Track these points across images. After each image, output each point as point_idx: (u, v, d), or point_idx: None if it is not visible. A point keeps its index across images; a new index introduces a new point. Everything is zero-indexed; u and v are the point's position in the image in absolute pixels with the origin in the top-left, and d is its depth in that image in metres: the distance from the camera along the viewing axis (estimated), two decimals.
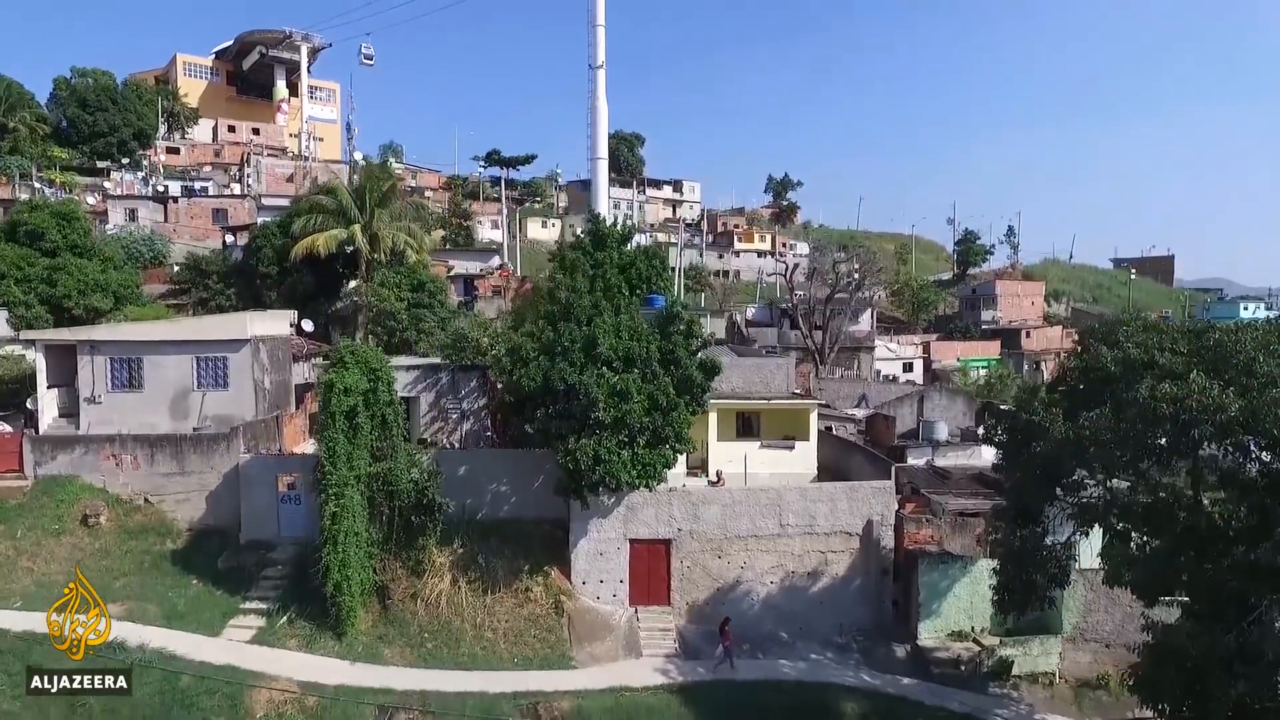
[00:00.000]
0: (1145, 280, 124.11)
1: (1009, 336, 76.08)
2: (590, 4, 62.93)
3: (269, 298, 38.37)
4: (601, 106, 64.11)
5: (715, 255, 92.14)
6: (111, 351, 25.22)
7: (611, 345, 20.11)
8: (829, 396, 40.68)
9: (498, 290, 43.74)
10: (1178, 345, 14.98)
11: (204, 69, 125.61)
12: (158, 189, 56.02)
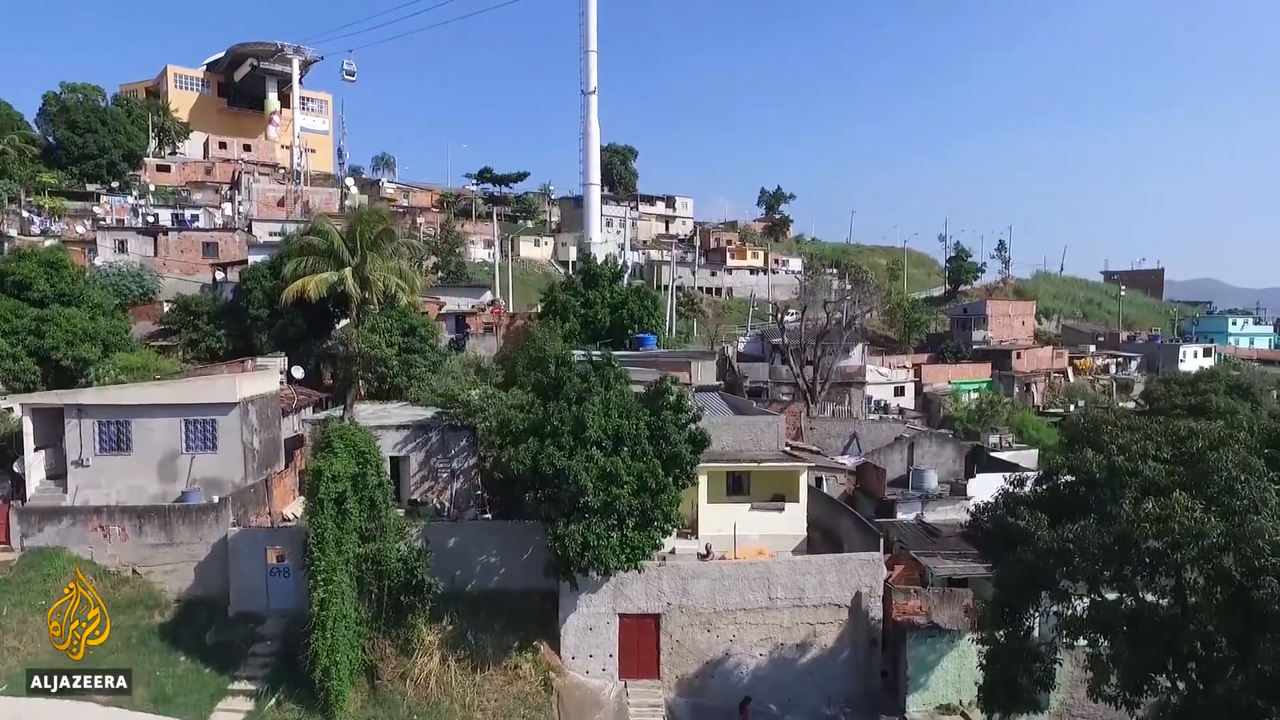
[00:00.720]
0: (1135, 293, 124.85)
1: (1000, 358, 76.38)
2: (583, 31, 63.17)
3: (259, 340, 38.28)
4: (594, 132, 64.29)
5: (708, 273, 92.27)
6: (99, 415, 25.11)
7: (601, 426, 20.14)
8: (819, 436, 40.83)
9: (489, 327, 43.72)
10: (1161, 451, 15.10)
11: (195, 81, 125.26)
12: (148, 219, 55.69)
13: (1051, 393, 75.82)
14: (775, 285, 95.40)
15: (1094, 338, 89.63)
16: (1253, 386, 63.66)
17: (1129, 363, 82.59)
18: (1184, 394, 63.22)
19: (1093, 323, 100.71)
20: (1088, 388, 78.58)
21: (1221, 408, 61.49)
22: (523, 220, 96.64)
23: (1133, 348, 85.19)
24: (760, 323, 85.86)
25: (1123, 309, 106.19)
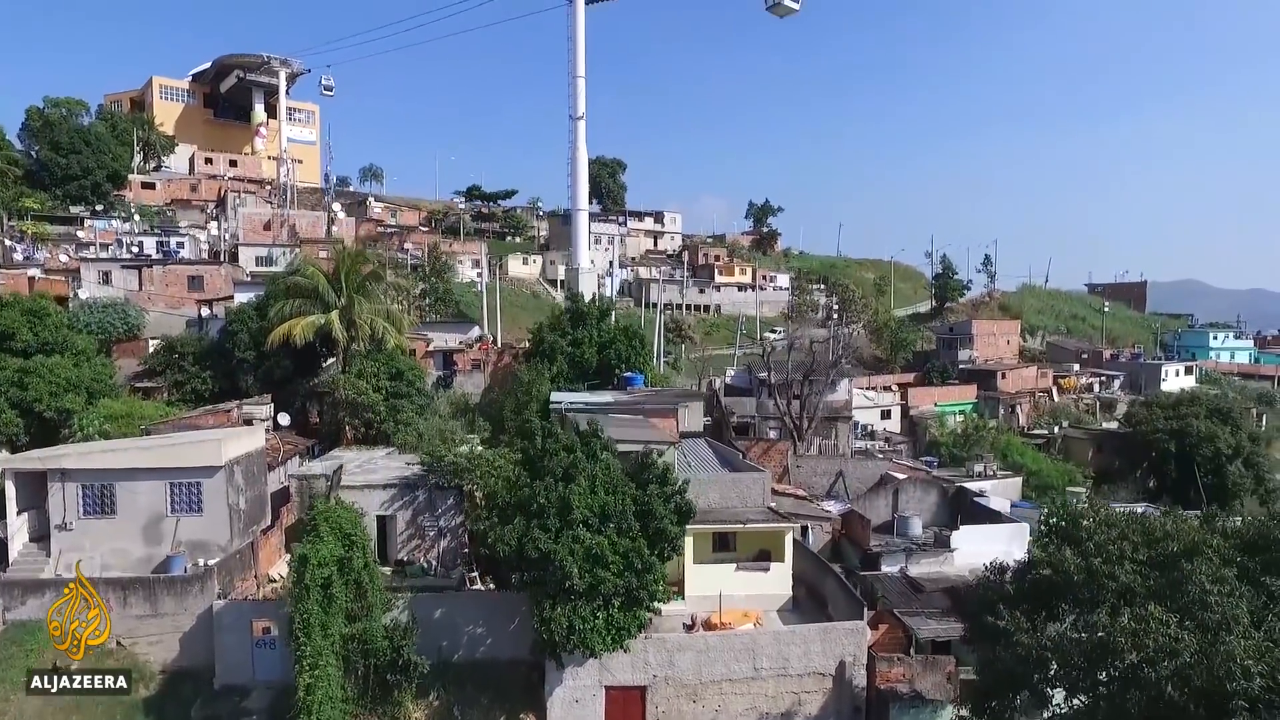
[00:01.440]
0: (1119, 306, 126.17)
1: (985, 378, 77.02)
2: (570, 57, 63.08)
3: (245, 382, 38.14)
4: (582, 157, 64.26)
5: (696, 290, 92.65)
6: (83, 479, 25.01)
7: (587, 505, 20.24)
8: (805, 475, 41.11)
9: (477, 364, 43.71)
10: (1137, 553, 15.35)
11: (180, 92, 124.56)
12: (132, 248, 55.26)
13: (1036, 412, 76.52)
14: (763, 302, 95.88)
15: (1078, 355, 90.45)
16: (1232, 411, 64.74)
17: (1112, 381, 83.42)
18: (1165, 417, 64.28)
19: (1077, 339, 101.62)
20: (1071, 407, 79.36)
21: (1202, 432, 62.56)
22: (511, 236, 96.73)
23: (1116, 366, 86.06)
24: (749, 341, 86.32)
25: (1106, 324, 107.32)
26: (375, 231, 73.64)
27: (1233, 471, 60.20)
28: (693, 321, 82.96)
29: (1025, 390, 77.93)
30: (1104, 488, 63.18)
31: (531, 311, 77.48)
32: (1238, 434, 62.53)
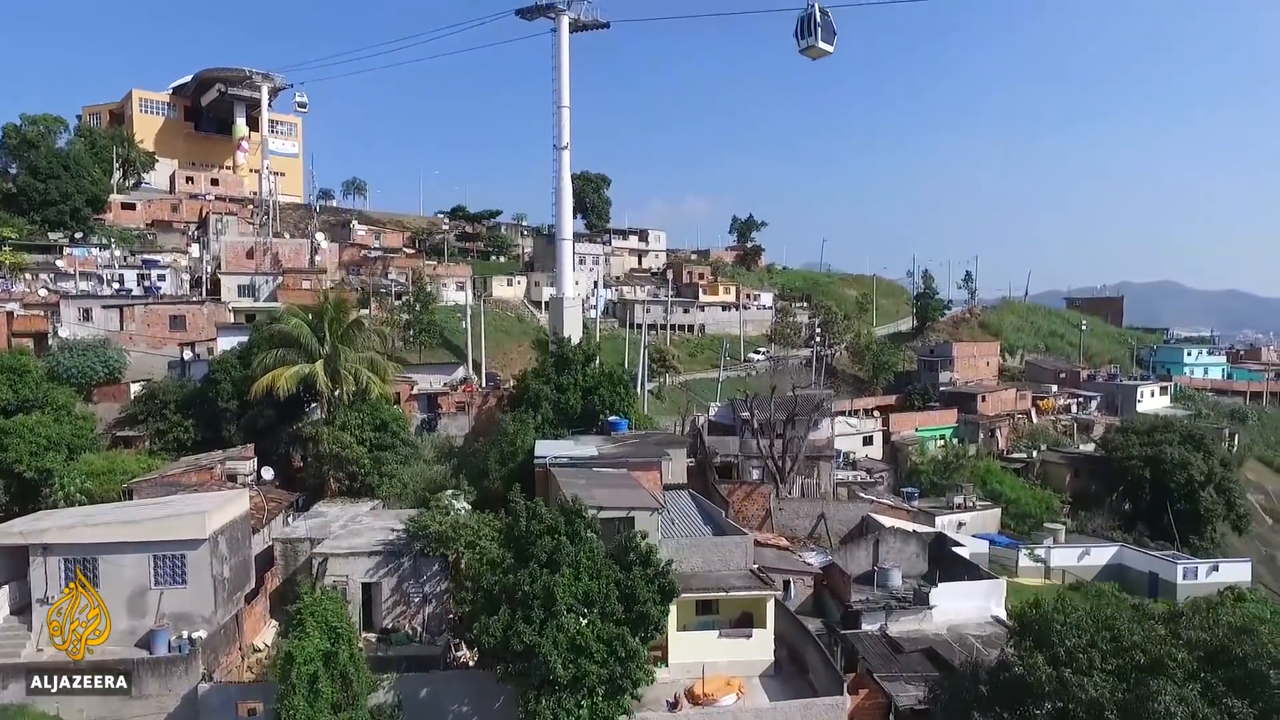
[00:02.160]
0: (1095, 321, 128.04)
1: (965, 400, 78.00)
2: (555, 87, 63.28)
3: (228, 431, 38.07)
4: (566, 187, 64.51)
5: (681, 310, 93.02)
6: (65, 553, 24.93)
7: (570, 592, 20.50)
8: (787, 517, 41.62)
9: (462, 406, 43.84)
10: (1106, 662, 15.84)
11: (160, 105, 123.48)
12: (112, 282, 54.75)
13: (1015, 435, 77.60)
14: (747, 321, 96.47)
15: (1056, 375, 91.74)
16: (1205, 438, 66.04)
17: (1089, 402, 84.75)
18: (1140, 443, 65.50)
19: (1055, 357, 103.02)
20: (1050, 429, 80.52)
21: (1176, 459, 63.73)
22: (495, 255, 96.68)
23: (1093, 386, 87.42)
24: (734, 362, 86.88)
25: (1084, 340, 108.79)
26: (359, 256, 73.40)
27: (1205, 497, 61.45)
28: (676, 347, 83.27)
29: (1004, 412, 79.01)
30: (1080, 514, 64.49)
31: (516, 336, 77.56)
32: (1209, 460, 63.83)
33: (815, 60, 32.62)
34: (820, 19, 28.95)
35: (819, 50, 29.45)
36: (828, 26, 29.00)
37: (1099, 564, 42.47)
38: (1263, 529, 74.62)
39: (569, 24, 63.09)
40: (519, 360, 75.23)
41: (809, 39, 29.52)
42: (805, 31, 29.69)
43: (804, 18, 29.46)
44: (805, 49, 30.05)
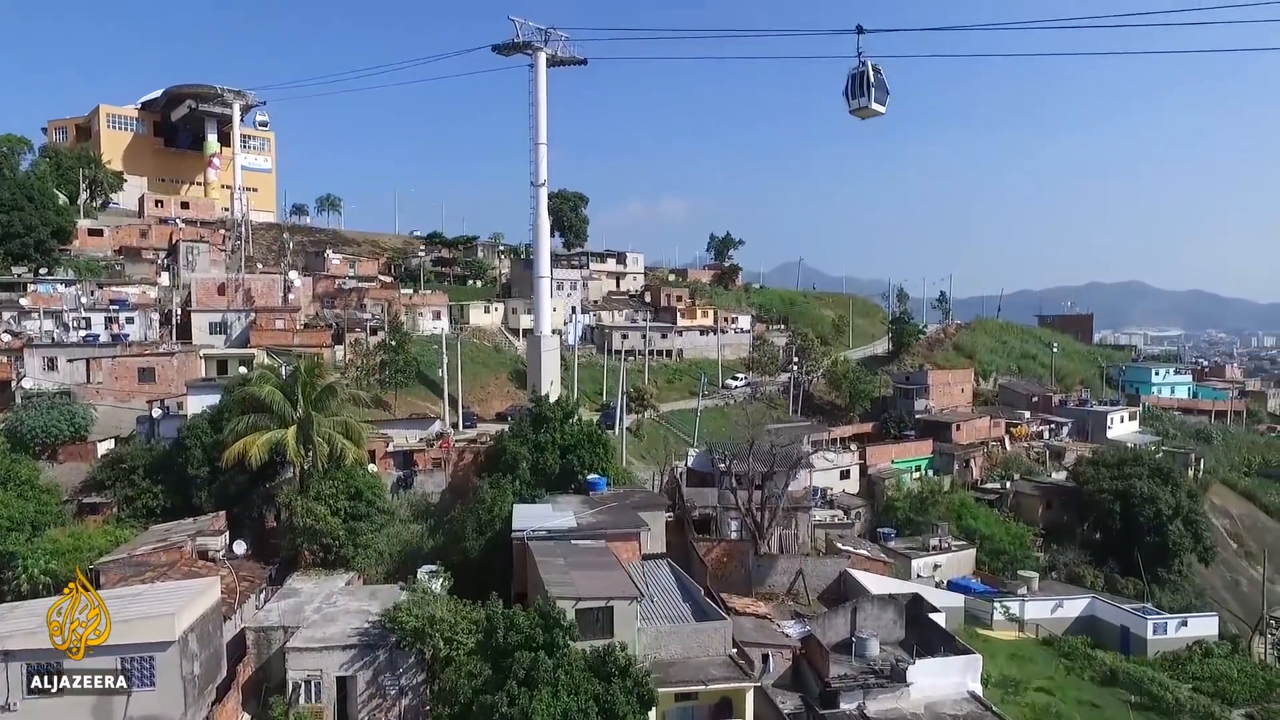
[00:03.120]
0: (1066, 339, 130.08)
1: (940, 429, 78.88)
2: (532, 124, 63.01)
3: (199, 498, 37.38)
4: (543, 224, 64.20)
5: (659, 335, 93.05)
6: (28, 658, 24.30)
7: (548, 713, 20.37)
8: (766, 573, 41.73)
9: (438, 463, 43.43)
10: None
11: (129, 120, 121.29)
12: (78, 327, 53.46)
13: (989, 463, 78.61)
14: (725, 345, 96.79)
15: (1029, 399, 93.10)
16: (1172, 471, 67.42)
17: (1061, 429, 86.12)
18: (1111, 477, 66.72)
19: (1028, 379, 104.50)
20: (1023, 456, 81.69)
21: (1145, 493, 64.98)
22: (472, 280, 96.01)
23: (1065, 412, 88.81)
24: (712, 389, 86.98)
25: (1055, 362, 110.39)
26: (333, 288, 72.47)
27: (1173, 531, 62.86)
28: (654, 374, 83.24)
29: (979, 440, 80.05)
30: (1053, 547, 65.54)
31: (493, 368, 77.09)
32: (1177, 493, 65.23)
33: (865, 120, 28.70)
34: (874, 78, 25.82)
35: (871, 111, 26.45)
36: (881, 86, 26.00)
37: (1071, 616, 43.12)
38: (1227, 554, 76.46)
39: (546, 60, 62.79)
40: (497, 394, 74.92)
41: (860, 99, 26.18)
42: (856, 91, 26.28)
43: (855, 75, 25.97)
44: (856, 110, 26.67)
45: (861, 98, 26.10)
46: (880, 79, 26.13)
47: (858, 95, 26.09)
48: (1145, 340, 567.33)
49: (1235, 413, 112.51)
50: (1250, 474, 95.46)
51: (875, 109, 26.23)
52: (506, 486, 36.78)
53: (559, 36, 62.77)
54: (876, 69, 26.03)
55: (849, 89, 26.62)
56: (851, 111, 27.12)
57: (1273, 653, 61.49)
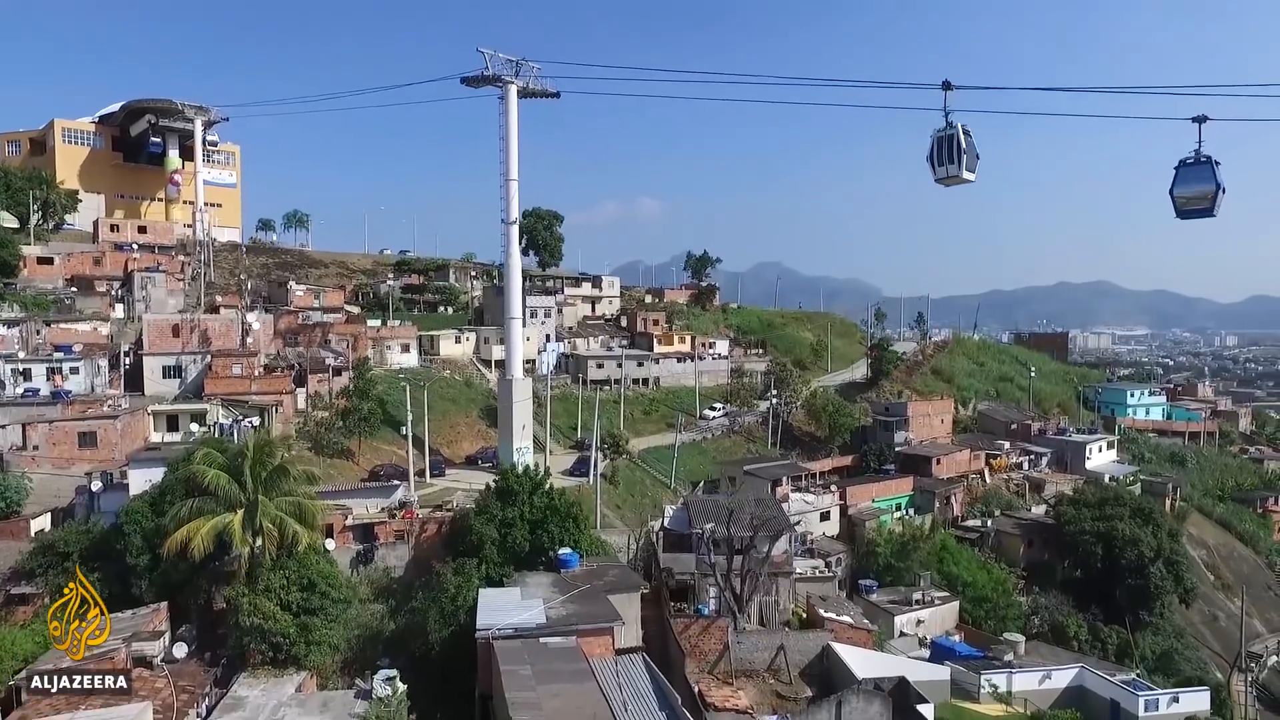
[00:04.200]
0: (1042, 358, 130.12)
1: (920, 463, 77.88)
2: (503, 159, 60.68)
3: (139, 587, 34.80)
4: (515, 264, 61.94)
5: (635, 364, 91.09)
6: None
7: None
8: (746, 650, 39.95)
9: (401, 535, 41.13)
10: None
11: (85, 134, 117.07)
12: (16, 384, 50.17)
13: (970, 497, 77.74)
14: (703, 372, 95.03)
15: (1007, 426, 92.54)
16: (1153, 511, 66.90)
17: (1040, 459, 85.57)
18: (1093, 517, 66.05)
19: (1006, 404, 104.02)
20: (1003, 489, 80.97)
21: (1126, 535, 64.34)
22: (444, 307, 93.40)
23: (1044, 441, 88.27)
24: (690, 421, 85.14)
25: (1032, 385, 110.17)
26: (295, 324, 69.60)
27: (1154, 573, 62.34)
28: (631, 412, 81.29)
29: (959, 474, 79.17)
30: (1035, 590, 64.67)
31: (463, 406, 74.64)
32: (1158, 534, 64.66)
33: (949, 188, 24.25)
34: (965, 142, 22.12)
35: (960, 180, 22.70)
36: (972, 150, 22.27)
37: (1059, 687, 41.86)
38: (1205, 587, 76.28)
39: (517, 92, 60.52)
40: (467, 433, 72.50)
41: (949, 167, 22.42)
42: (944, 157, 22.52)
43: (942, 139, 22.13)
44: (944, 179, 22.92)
45: (950, 165, 22.26)
46: (970, 142, 22.24)
47: (946, 162, 22.22)
48: (1114, 340, 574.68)
49: (1209, 434, 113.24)
50: (1224, 498, 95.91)
51: (966, 177, 22.46)
52: (472, 571, 34.68)
53: (530, 68, 60.49)
54: (966, 131, 22.19)
55: (935, 154, 22.34)
56: (938, 180, 23.33)
57: (1251, 691, 61.31)
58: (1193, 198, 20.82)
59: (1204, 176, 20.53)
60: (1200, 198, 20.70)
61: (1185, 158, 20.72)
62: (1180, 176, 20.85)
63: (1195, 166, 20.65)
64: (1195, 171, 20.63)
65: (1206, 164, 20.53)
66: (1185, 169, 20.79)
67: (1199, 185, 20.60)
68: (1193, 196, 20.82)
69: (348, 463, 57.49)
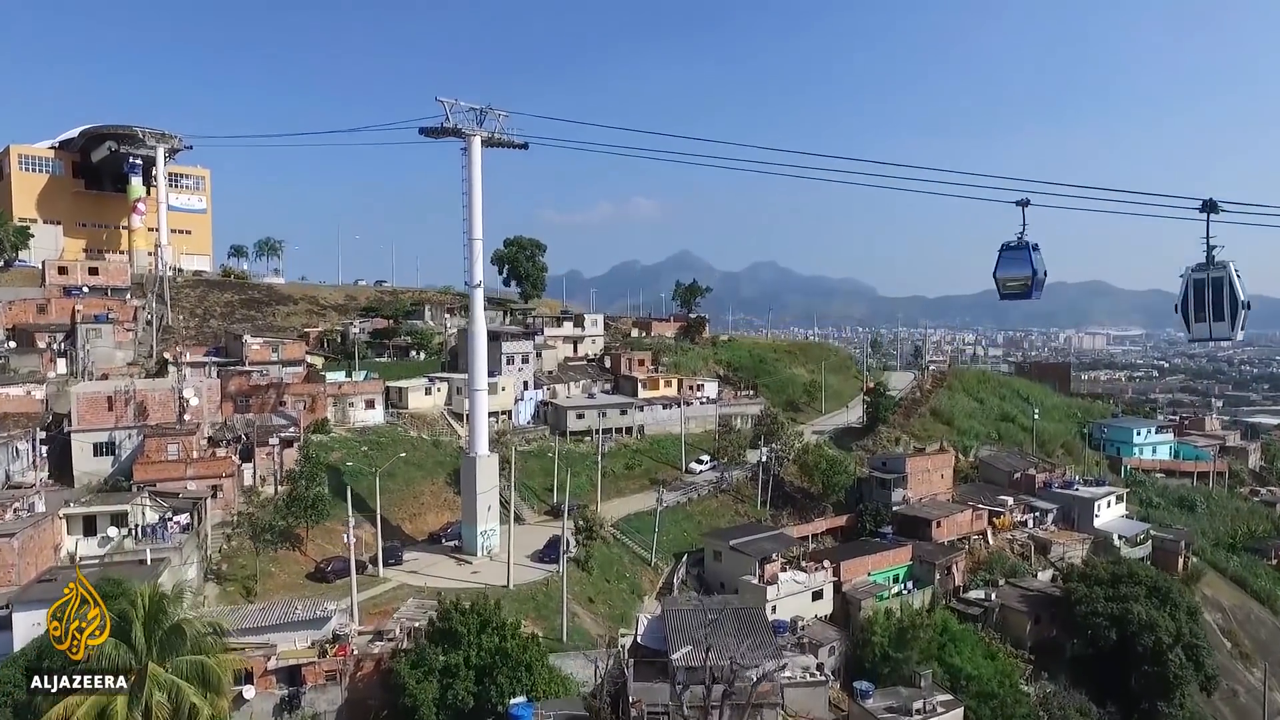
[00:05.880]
0: (1044, 390, 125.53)
1: (919, 526, 73.17)
2: (466, 216, 55.80)
3: None
4: (480, 330, 56.90)
5: (618, 412, 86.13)
6: None
7: None
8: None
9: (333, 676, 36.07)
10: None
11: (43, 161, 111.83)
12: None
13: (972, 561, 72.99)
14: (690, 418, 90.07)
15: (1010, 476, 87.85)
16: (1171, 590, 62.25)
17: (1046, 516, 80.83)
18: (1105, 597, 61.51)
19: (1008, 448, 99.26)
20: (1007, 550, 76.24)
21: (1143, 620, 59.75)
22: (416, 352, 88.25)
23: (1049, 495, 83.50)
24: (674, 475, 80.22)
25: (1035, 425, 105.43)
26: (246, 386, 64.35)
27: (1173, 660, 58.07)
28: (611, 467, 76.26)
29: (960, 536, 74.46)
30: (1043, 675, 60.20)
31: (429, 471, 69.51)
32: (1177, 615, 60.08)
33: None
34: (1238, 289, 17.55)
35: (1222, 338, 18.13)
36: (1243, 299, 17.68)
37: None
38: (1222, 656, 71.62)
39: (482, 142, 55.55)
40: (432, 504, 67.34)
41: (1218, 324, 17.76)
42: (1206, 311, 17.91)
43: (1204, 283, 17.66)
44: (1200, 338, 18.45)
45: (1220, 323, 17.49)
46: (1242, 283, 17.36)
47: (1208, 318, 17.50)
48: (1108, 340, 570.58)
49: (1218, 474, 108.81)
50: (1236, 547, 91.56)
51: (1236, 336, 17.96)
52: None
53: (496, 115, 55.48)
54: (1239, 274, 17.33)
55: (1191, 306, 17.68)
56: (1193, 339, 18.69)
57: None
58: (1012, 281, 20.24)
59: (1022, 261, 19.95)
60: (1019, 282, 20.10)
61: (1008, 240, 20.09)
62: (1002, 260, 20.25)
63: (1016, 250, 20.06)
64: (1016, 256, 20.07)
65: (1025, 249, 19.88)
66: (1007, 252, 20.22)
67: (1018, 270, 20.06)
68: (1012, 280, 20.23)
69: (294, 553, 52.46)
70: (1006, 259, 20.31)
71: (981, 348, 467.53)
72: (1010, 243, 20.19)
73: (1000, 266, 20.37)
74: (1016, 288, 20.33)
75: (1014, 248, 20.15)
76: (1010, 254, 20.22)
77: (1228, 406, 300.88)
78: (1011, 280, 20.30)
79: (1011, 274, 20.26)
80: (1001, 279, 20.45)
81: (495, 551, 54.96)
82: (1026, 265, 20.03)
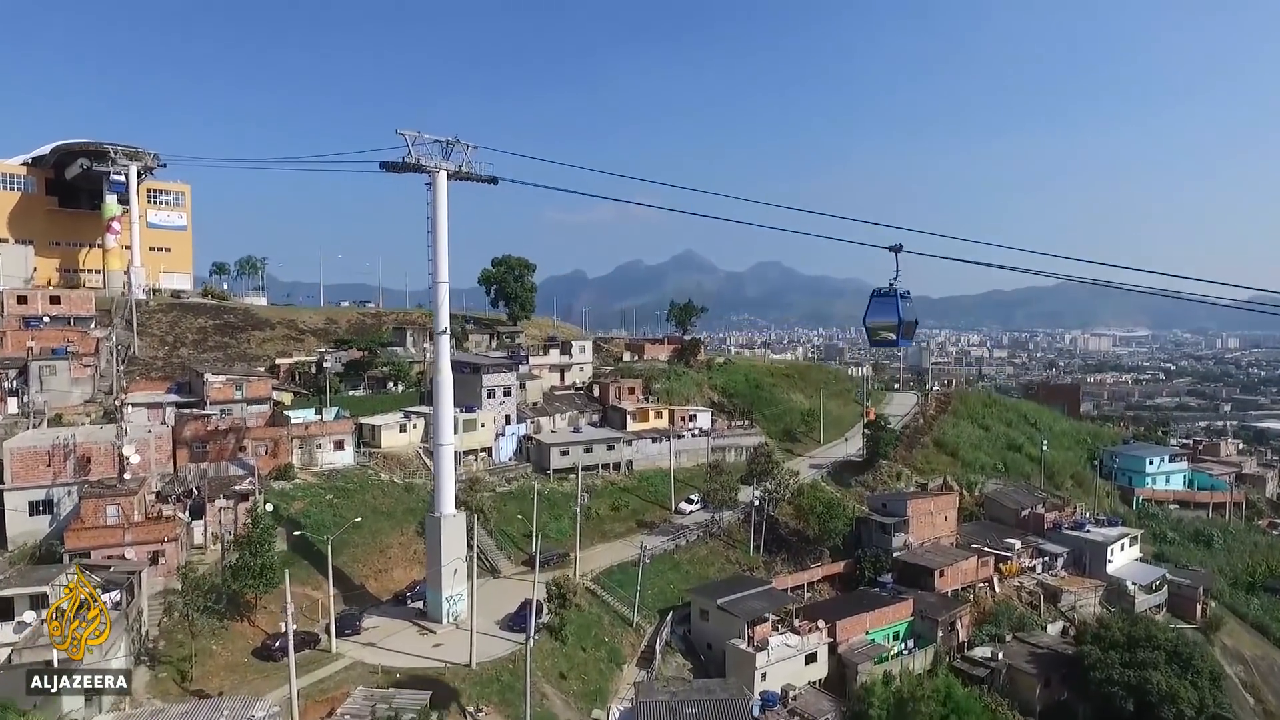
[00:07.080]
0: (1053, 414, 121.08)
1: (921, 575, 68.88)
2: (431, 256, 51.69)
3: None
4: (446, 379, 52.74)
5: (605, 447, 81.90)
6: None
7: None
8: None
9: None
10: None
11: (16, 178, 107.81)
12: None
13: (978, 612, 68.64)
14: (681, 452, 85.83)
15: (1017, 514, 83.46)
16: (1193, 656, 57.81)
17: (1055, 561, 76.41)
18: (1122, 662, 57.16)
19: (1015, 482, 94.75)
20: (1014, 599, 71.91)
21: (1163, 690, 55.33)
22: (393, 383, 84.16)
23: (1058, 538, 79.02)
24: (663, 516, 76.02)
25: (1043, 439, 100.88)
26: (203, 431, 60.31)
27: None
28: (596, 508, 71.96)
29: (965, 584, 70.17)
30: None
31: (399, 520, 65.21)
32: (1200, 684, 55.77)
33: None
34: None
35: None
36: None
37: None
38: (1245, 714, 67.23)
39: (448, 176, 51.44)
40: (400, 558, 63.10)
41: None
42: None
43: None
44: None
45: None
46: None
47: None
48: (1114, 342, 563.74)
49: (1234, 504, 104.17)
50: (1255, 586, 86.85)
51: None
52: None
53: (463, 148, 51.31)
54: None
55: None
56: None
57: None
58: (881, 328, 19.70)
59: (889, 309, 19.49)
60: (887, 329, 19.60)
61: (879, 287, 19.73)
62: (872, 306, 19.86)
63: (886, 297, 19.54)
64: (885, 303, 19.57)
65: (893, 296, 19.33)
66: (877, 299, 19.76)
67: (885, 316, 19.62)
68: (880, 327, 19.70)
69: (242, 623, 48.38)
70: (876, 305, 19.73)
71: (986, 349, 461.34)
72: (881, 289, 19.63)
73: (870, 313, 19.86)
74: (885, 335, 19.74)
75: (884, 295, 19.55)
76: (880, 300, 19.62)
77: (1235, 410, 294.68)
78: (880, 327, 19.70)
79: (879, 320, 19.71)
80: (871, 326, 19.94)
81: (462, 619, 50.80)
82: (893, 313, 19.45)
